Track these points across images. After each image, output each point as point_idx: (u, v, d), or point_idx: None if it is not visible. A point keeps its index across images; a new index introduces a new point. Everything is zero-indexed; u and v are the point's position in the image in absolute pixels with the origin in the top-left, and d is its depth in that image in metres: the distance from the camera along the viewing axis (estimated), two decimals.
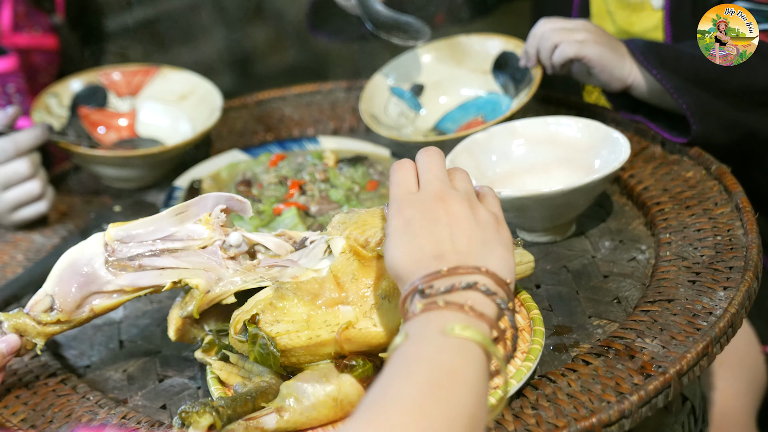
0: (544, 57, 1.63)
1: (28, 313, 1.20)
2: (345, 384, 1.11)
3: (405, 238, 0.99)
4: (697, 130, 1.52)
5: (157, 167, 1.72)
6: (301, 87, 1.99)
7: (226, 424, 1.08)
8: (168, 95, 1.85)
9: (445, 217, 0.99)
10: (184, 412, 1.06)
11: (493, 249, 0.98)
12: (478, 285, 0.93)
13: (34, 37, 1.98)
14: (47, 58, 2.01)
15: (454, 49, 1.80)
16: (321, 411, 1.11)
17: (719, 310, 1.23)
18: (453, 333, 0.88)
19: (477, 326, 0.89)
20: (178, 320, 1.23)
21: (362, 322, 1.11)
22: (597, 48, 1.57)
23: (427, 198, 1.01)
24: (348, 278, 1.12)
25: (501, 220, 1.02)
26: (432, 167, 1.04)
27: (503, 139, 1.53)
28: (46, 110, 1.78)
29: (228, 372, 1.20)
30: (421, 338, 0.89)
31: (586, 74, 1.62)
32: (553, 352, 1.24)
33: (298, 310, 1.12)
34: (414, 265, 0.97)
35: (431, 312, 0.91)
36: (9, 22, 1.95)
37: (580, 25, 1.61)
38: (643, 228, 1.47)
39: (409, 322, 0.92)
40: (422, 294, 0.93)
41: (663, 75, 1.54)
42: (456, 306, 0.91)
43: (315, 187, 1.60)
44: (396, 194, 1.03)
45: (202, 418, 1.05)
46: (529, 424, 1.10)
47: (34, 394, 1.29)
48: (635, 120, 1.64)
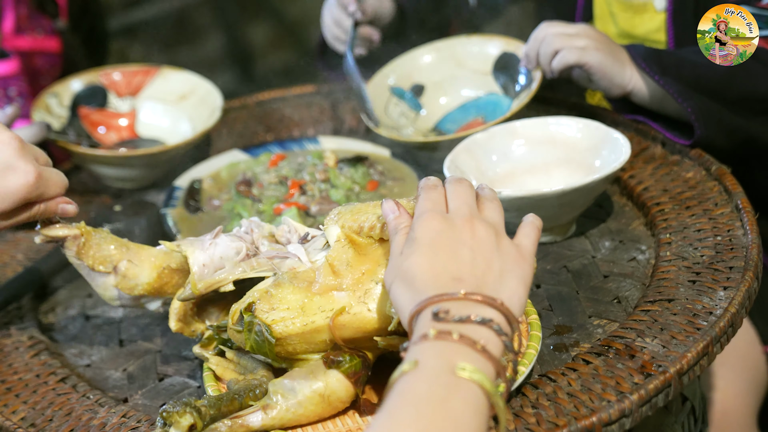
0: (544, 62, 1.63)
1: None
2: (332, 380, 1.11)
3: (430, 249, 0.99)
4: (700, 134, 1.52)
5: (157, 167, 1.72)
6: (301, 87, 1.99)
7: (209, 424, 1.08)
8: (168, 95, 1.85)
9: (470, 241, 0.99)
10: (166, 411, 1.06)
11: (509, 281, 0.98)
12: (492, 323, 0.93)
13: (37, 39, 1.98)
14: (49, 61, 2.01)
15: (454, 50, 1.80)
16: (308, 407, 1.11)
17: (719, 309, 1.23)
18: (464, 375, 0.88)
19: (486, 370, 0.90)
20: (180, 309, 1.24)
21: (356, 308, 1.11)
22: (598, 55, 1.58)
23: (457, 219, 1.01)
24: (343, 265, 1.13)
25: (526, 254, 1.02)
26: (463, 195, 1.05)
27: (503, 140, 1.53)
28: (47, 110, 1.78)
29: (224, 368, 1.20)
30: (433, 375, 0.88)
31: (587, 80, 1.62)
32: (554, 351, 1.24)
33: (293, 297, 1.13)
34: (432, 280, 0.97)
35: (444, 343, 0.91)
36: (11, 25, 1.95)
37: (581, 30, 1.61)
38: (643, 228, 1.47)
39: (420, 347, 0.91)
40: (436, 317, 0.93)
41: (665, 81, 1.54)
42: (469, 342, 0.91)
43: (315, 187, 1.60)
44: (426, 207, 1.03)
45: (182, 418, 1.05)
46: (529, 423, 1.10)
47: (33, 393, 1.29)
48: (638, 120, 1.64)
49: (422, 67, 1.81)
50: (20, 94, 1.96)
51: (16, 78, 1.95)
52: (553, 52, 1.61)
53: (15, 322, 1.44)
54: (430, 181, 1.07)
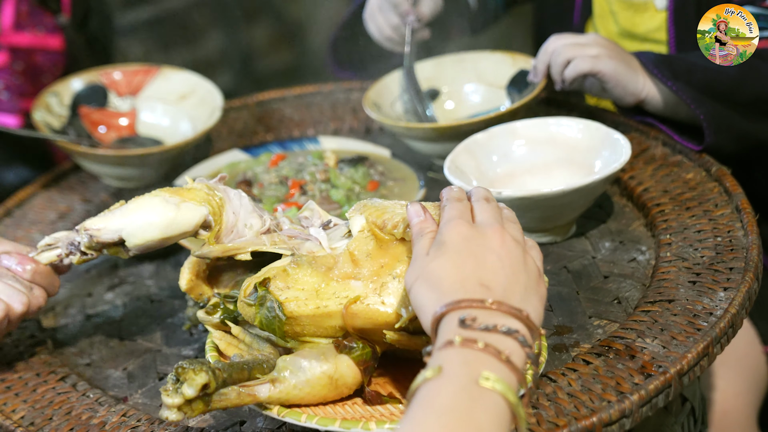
0: (556, 72, 1.61)
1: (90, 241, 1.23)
2: (342, 364, 1.12)
3: (458, 254, 0.99)
4: (710, 141, 1.52)
5: (157, 167, 1.72)
6: (302, 88, 1.99)
7: (220, 387, 1.08)
8: (168, 95, 1.85)
9: (499, 250, 0.99)
10: (181, 367, 1.05)
11: (532, 297, 0.99)
12: (518, 334, 0.93)
13: (38, 37, 1.98)
14: (51, 59, 2.01)
15: (477, 63, 1.80)
16: (315, 387, 1.11)
17: (719, 310, 1.23)
18: (487, 385, 0.88)
19: (510, 381, 0.90)
20: (193, 266, 1.24)
21: (370, 298, 1.11)
22: (611, 63, 1.57)
23: (486, 228, 1.02)
24: (363, 256, 1.13)
25: (542, 274, 1.03)
26: (491, 210, 1.05)
27: (504, 140, 1.53)
28: (47, 109, 1.78)
29: (227, 343, 1.20)
30: (458, 384, 0.89)
31: (600, 89, 1.61)
32: (554, 351, 1.24)
33: (310, 279, 1.14)
34: (459, 283, 0.97)
35: (469, 351, 0.91)
36: (10, 20, 1.95)
37: (592, 40, 1.60)
38: (643, 229, 1.47)
39: (445, 353, 0.92)
40: (462, 324, 0.93)
41: (678, 87, 1.54)
42: (494, 352, 0.91)
43: (316, 187, 1.60)
44: (454, 215, 1.03)
45: (198, 376, 1.05)
46: (529, 423, 1.10)
47: (33, 392, 1.29)
48: (648, 123, 1.63)
49: (442, 74, 1.81)
50: (7, 88, 1.95)
51: (4, 71, 1.94)
52: (565, 61, 1.59)
53: None
54: (455, 192, 1.07)
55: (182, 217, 1.20)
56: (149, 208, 1.21)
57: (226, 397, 1.08)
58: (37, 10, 1.98)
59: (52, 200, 1.74)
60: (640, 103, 1.61)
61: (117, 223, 1.21)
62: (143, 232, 1.21)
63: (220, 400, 1.08)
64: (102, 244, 1.22)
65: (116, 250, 1.23)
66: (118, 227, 1.21)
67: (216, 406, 1.08)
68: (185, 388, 1.04)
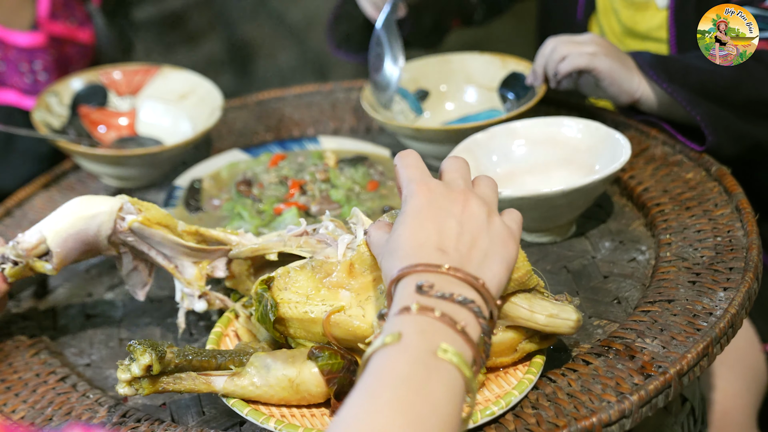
0: (551, 69, 1.61)
1: (15, 247, 1.25)
2: (306, 371, 1.13)
3: (416, 220, 0.98)
4: (711, 141, 1.52)
5: (157, 166, 1.72)
6: (301, 87, 1.99)
7: (173, 372, 1.13)
8: (168, 95, 1.85)
9: (459, 215, 0.98)
10: (132, 346, 1.12)
11: (492, 262, 0.97)
12: (473, 304, 0.93)
13: (70, 28, 2.00)
14: (80, 51, 2.03)
15: (465, 64, 1.80)
16: (274, 388, 1.13)
17: (719, 310, 1.23)
18: (445, 357, 0.88)
19: (465, 354, 0.90)
20: (235, 266, 1.30)
21: (353, 310, 1.13)
22: (607, 60, 1.57)
23: (449, 190, 1.00)
24: (362, 269, 1.14)
25: (515, 236, 1.01)
26: (459, 169, 1.04)
27: (504, 140, 1.53)
28: (47, 109, 1.78)
29: (245, 329, 1.26)
30: (415, 354, 0.88)
31: (594, 87, 1.61)
32: (553, 351, 1.23)
33: (305, 283, 1.16)
34: (416, 249, 0.96)
35: (425, 319, 0.90)
36: (47, 9, 1.97)
37: (588, 38, 1.60)
38: (643, 229, 1.47)
39: (402, 319, 0.91)
40: (420, 290, 0.93)
41: (673, 88, 1.54)
42: (449, 321, 0.90)
43: (315, 187, 1.60)
44: (413, 175, 1.02)
45: (142, 357, 1.12)
46: (529, 424, 1.10)
47: (33, 392, 1.29)
48: (651, 122, 1.63)
49: (430, 75, 1.81)
50: (45, 69, 1.97)
51: (42, 51, 1.95)
52: (560, 58, 1.59)
53: (15, 321, 1.44)
54: (409, 151, 1.05)
55: (96, 200, 1.26)
56: (68, 204, 1.27)
57: (180, 381, 1.14)
58: (70, 1, 1.99)
59: (52, 200, 1.74)
60: (634, 103, 1.61)
61: (39, 223, 1.27)
62: (57, 222, 1.25)
63: (174, 383, 1.14)
64: (27, 249, 1.25)
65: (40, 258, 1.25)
66: (39, 226, 1.26)
67: (170, 388, 1.14)
68: (133, 365, 1.12)
